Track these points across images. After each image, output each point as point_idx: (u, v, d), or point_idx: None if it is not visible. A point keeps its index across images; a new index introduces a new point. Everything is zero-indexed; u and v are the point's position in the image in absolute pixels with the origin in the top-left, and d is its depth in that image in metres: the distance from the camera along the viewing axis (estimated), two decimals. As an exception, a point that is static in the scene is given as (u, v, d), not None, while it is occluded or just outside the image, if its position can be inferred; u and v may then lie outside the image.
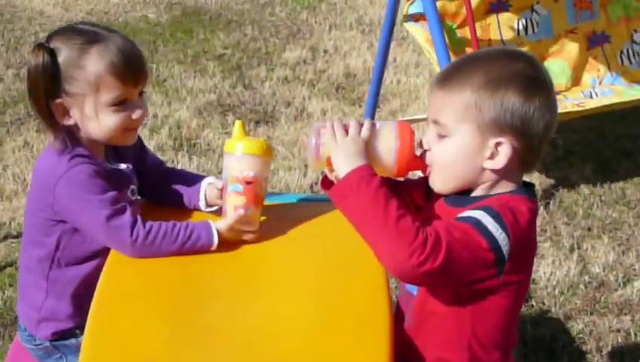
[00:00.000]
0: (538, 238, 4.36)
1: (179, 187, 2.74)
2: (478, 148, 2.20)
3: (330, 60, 6.54)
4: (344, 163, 2.22)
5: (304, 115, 5.71)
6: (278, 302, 2.39)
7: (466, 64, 2.28)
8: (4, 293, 3.91)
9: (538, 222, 4.46)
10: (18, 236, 4.33)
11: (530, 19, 4.82)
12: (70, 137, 2.55)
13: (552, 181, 4.92)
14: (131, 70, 2.52)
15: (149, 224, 2.48)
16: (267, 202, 2.74)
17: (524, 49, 4.75)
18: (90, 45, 2.51)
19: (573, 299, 4.02)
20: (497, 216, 2.14)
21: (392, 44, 5.20)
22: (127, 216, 2.48)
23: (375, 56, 5.15)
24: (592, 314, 3.92)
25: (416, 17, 4.57)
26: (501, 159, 2.20)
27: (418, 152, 2.35)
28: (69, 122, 2.55)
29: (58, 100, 2.52)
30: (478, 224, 2.13)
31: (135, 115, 2.54)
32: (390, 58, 5.89)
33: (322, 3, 7.59)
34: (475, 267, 2.14)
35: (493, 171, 2.22)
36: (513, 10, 4.82)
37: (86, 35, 2.54)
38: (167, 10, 7.48)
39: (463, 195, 2.29)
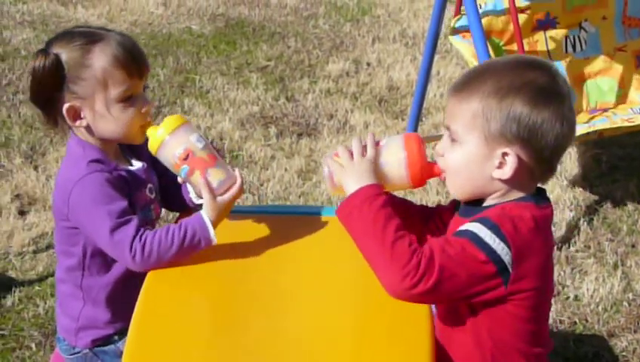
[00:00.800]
0: (581, 254, 4.34)
1: (183, 187, 2.74)
2: (486, 157, 2.21)
3: (373, 73, 6.52)
4: (352, 184, 2.26)
5: (347, 127, 5.70)
6: (317, 310, 2.39)
7: (480, 72, 2.29)
8: (45, 303, 3.93)
9: (582, 238, 4.44)
10: (60, 246, 4.34)
11: (578, 37, 4.78)
12: (83, 140, 2.59)
13: (595, 197, 4.87)
14: (135, 62, 2.57)
15: (145, 235, 2.47)
16: (306, 215, 2.75)
17: (569, 64, 4.73)
18: (91, 44, 2.56)
19: (616, 316, 3.97)
20: (494, 227, 2.14)
21: (436, 58, 5.18)
22: (130, 230, 2.48)
23: (418, 69, 5.12)
24: (635, 331, 3.87)
25: (463, 32, 4.55)
26: (508, 169, 2.20)
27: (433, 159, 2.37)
28: (82, 124, 2.58)
29: (68, 104, 2.54)
30: (474, 237, 2.14)
31: (144, 108, 2.59)
32: (434, 71, 5.87)
33: (366, 16, 7.58)
34: (475, 281, 2.14)
35: (502, 181, 2.22)
36: (561, 27, 4.78)
37: (85, 36, 2.59)
38: (211, 21, 7.49)
39: (472, 205, 2.30)
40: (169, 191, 2.77)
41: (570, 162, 5.18)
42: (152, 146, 2.56)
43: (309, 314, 2.38)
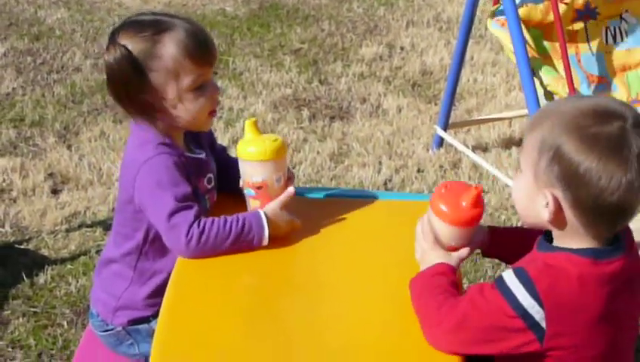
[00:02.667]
0: None
1: (236, 171, 2.73)
2: (535, 193, 2.17)
3: (407, 57, 6.50)
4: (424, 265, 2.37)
5: (379, 111, 5.69)
6: (355, 298, 2.38)
7: (551, 108, 2.26)
8: (77, 281, 3.95)
9: None
10: (92, 225, 4.37)
11: (619, 28, 4.73)
12: (154, 128, 2.59)
13: None
14: (205, 51, 2.56)
15: (202, 221, 2.47)
16: (342, 198, 2.76)
17: (611, 56, 4.68)
18: (160, 34, 2.54)
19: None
20: (528, 282, 2.11)
21: (470, 42, 5.15)
22: (190, 215, 2.48)
23: (452, 53, 5.11)
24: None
25: (501, 21, 4.51)
26: (549, 211, 2.15)
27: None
28: (154, 114, 2.57)
29: (141, 95, 2.54)
30: (506, 291, 2.12)
31: (214, 94, 2.60)
32: (467, 56, 5.84)
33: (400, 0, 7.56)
34: (501, 333, 2.13)
35: (549, 222, 2.17)
36: (601, 17, 4.73)
37: (153, 25, 2.58)
38: (245, 3, 7.49)
39: (546, 239, 2.26)
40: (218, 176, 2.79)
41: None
42: (240, 152, 2.58)
43: (345, 302, 2.37)
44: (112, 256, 2.75)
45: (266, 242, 2.51)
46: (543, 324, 2.10)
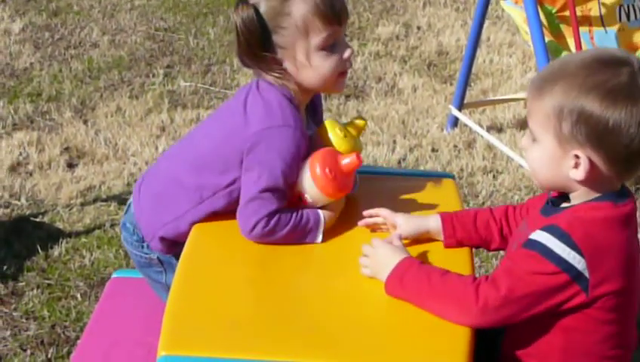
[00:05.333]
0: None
1: None
2: (561, 157, 2.18)
3: (423, 37, 6.50)
4: (384, 273, 2.30)
5: (395, 90, 5.70)
6: (363, 277, 2.39)
7: (555, 70, 2.24)
8: (92, 254, 3.98)
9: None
10: (107, 200, 4.40)
11: (633, 5, 4.71)
12: (283, 89, 2.57)
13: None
14: (335, 9, 2.53)
15: (273, 221, 2.48)
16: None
17: (623, 33, 4.68)
18: None
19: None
20: (564, 235, 2.13)
21: (486, 23, 5.15)
22: (267, 208, 2.48)
23: (468, 34, 5.10)
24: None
25: (514, -1, 4.52)
26: (581, 171, 2.17)
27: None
28: (284, 75, 2.56)
29: (271, 54, 2.54)
30: (543, 249, 2.14)
31: (346, 54, 2.57)
32: (484, 37, 5.85)
33: (417, -21, 7.56)
34: (548, 293, 2.15)
35: (579, 182, 2.19)
36: (615, -6, 4.73)
37: None
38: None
39: (554, 204, 2.28)
40: None
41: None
42: (338, 144, 2.60)
43: (359, 278, 2.38)
44: (184, 179, 2.66)
45: (319, 240, 2.52)
46: (587, 274, 2.13)
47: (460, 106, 5.09)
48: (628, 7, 4.73)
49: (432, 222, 2.52)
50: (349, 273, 2.39)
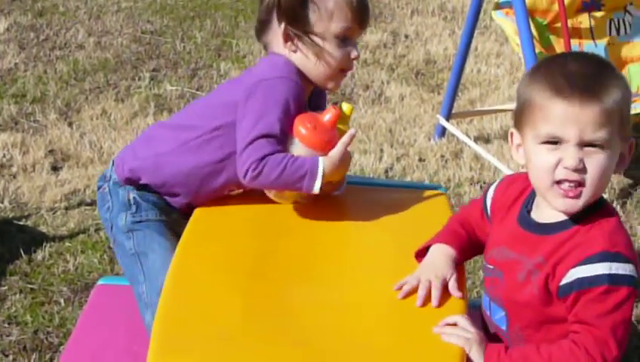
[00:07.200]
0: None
1: None
2: (616, 156, 2.18)
3: (411, 46, 6.49)
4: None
5: (382, 98, 5.68)
6: (355, 283, 2.39)
7: (596, 71, 2.17)
8: (75, 259, 3.94)
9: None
10: (92, 204, 4.36)
11: (623, 20, 4.73)
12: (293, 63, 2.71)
13: (629, 181, 4.83)
14: (364, 10, 2.73)
15: (266, 163, 2.54)
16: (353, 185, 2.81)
17: (612, 47, 4.69)
18: None
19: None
20: (618, 255, 2.14)
21: (475, 33, 5.13)
22: (263, 149, 2.55)
23: (456, 43, 5.10)
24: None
25: (506, 9, 4.51)
26: (628, 158, 2.21)
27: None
28: (292, 49, 2.71)
29: (297, 24, 2.69)
30: (613, 279, 2.13)
31: (354, 54, 2.72)
32: (472, 47, 5.83)
33: (405, -13, 7.55)
34: (631, 308, 2.17)
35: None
36: (606, 9, 4.73)
37: None
38: (250, -14, 7.48)
39: (548, 224, 2.25)
40: None
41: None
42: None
43: (350, 287, 2.39)
44: (172, 123, 2.90)
45: (315, 189, 2.55)
46: (636, 274, 2.17)
47: (448, 116, 5.08)
48: (618, 21, 4.75)
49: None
50: (342, 284, 2.39)
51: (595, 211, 2.20)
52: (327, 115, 2.61)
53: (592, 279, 2.13)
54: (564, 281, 2.16)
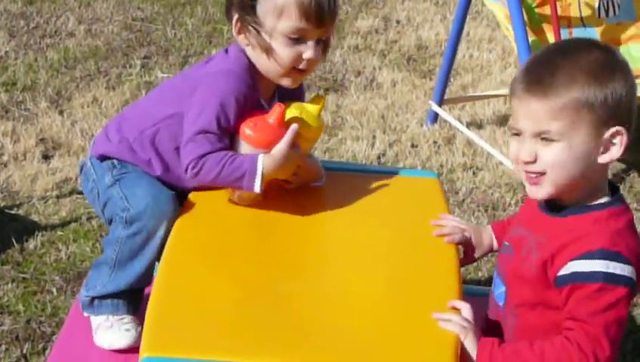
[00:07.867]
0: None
1: None
2: (594, 148, 2.18)
3: (403, 31, 6.47)
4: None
5: (374, 84, 5.67)
6: (348, 272, 2.38)
7: (551, 66, 2.20)
8: (67, 248, 3.93)
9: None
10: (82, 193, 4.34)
11: (612, 1, 4.71)
12: (247, 57, 2.66)
13: (622, 165, 4.83)
14: (318, 9, 2.56)
15: (206, 161, 2.52)
16: (337, 172, 2.75)
17: (602, 30, 4.68)
18: None
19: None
20: (617, 255, 2.15)
21: (467, 18, 5.12)
22: (203, 147, 2.52)
23: (448, 29, 5.09)
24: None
25: (496, -6, 4.50)
26: (617, 149, 2.19)
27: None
28: (244, 42, 2.65)
29: (237, 16, 2.63)
30: (608, 277, 2.14)
31: (305, 55, 2.59)
32: (463, 32, 5.82)
33: (397, -27, 7.53)
34: (626, 307, 2.17)
35: (603, 165, 2.21)
36: (595, -10, 4.72)
37: None
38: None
39: (551, 210, 2.28)
40: None
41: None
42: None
43: (346, 277, 2.39)
44: (138, 107, 2.87)
45: (256, 188, 2.51)
46: (636, 279, 2.17)
47: (440, 102, 5.07)
48: (607, 3, 4.73)
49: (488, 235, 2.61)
50: (336, 271, 2.40)
51: (607, 207, 2.22)
52: (272, 116, 2.55)
53: (587, 275, 2.15)
54: (561, 272, 2.18)
